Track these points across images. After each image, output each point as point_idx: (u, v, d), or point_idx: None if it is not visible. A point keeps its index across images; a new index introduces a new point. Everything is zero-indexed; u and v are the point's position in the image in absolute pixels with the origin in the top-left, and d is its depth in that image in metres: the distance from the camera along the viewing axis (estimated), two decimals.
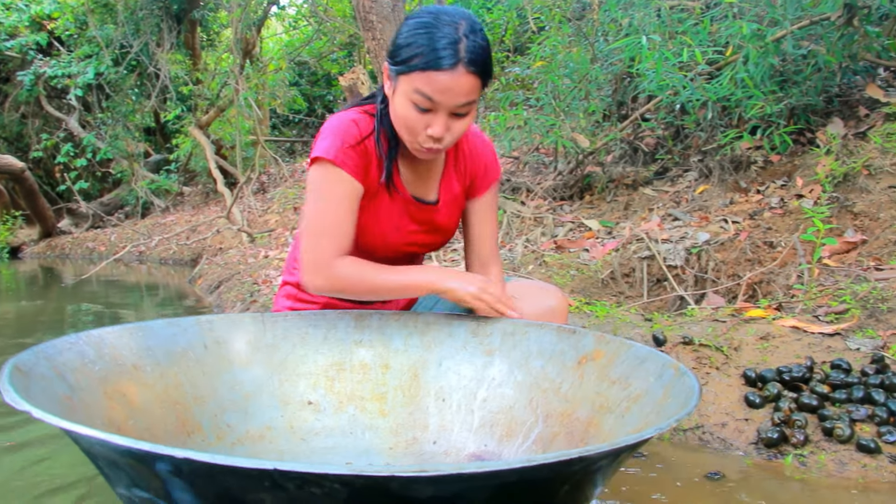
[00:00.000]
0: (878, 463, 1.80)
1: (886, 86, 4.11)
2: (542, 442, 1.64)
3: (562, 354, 1.69)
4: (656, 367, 1.52)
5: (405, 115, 1.68)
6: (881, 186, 3.33)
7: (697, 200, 4.05)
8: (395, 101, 1.70)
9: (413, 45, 1.64)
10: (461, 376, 1.78)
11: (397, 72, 1.67)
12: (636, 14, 3.94)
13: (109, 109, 12.40)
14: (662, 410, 1.40)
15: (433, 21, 1.66)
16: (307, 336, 1.83)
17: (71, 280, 8.34)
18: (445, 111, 1.66)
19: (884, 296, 2.43)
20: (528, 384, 1.72)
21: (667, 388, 1.46)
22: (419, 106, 1.65)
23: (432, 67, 1.61)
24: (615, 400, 1.55)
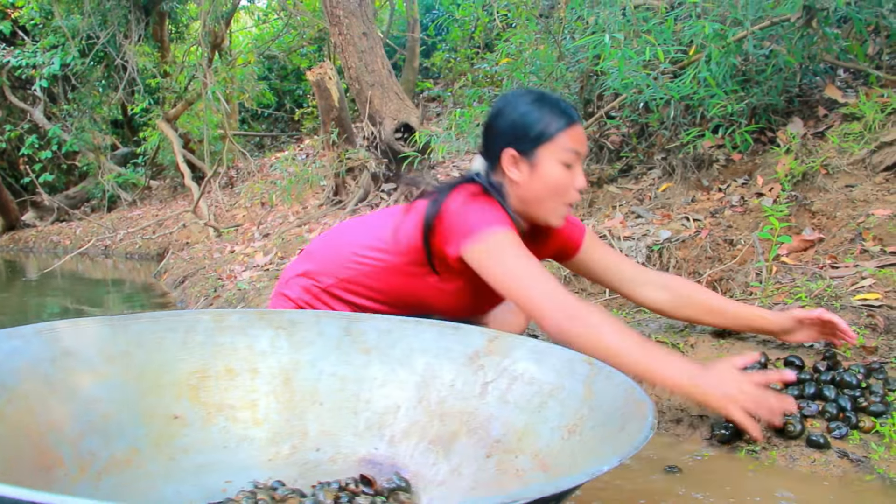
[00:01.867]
0: (827, 458, 1.84)
1: (845, 87, 4.17)
2: (442, 442, 1.61)
3: (449, 351, 1.69)
4: (562, 361, 1.57)
5: (556, 179, 1.91)
6: (838, 186, 3.38)
7: (660, 198, 4.09)
8: (541, 173, 1.91)
9: (544, 117, 1.90)
10: (338, 377, 1.72)
11: (534, 147, 1.90)
12: (602, 12, 3.96)
13: (75, 101, 12.26)
14: (598, 407, 1.44)
15: (539, 96, 1.95)
16: (164, 341, 1.66)
17: (34, 274, 8.24)
18: (580, 163, 1.94)
19: (838, 293, 2.47)
20: (416, 382, 1.69)
21: (588, 383, 1.51)
22: (567, 163, 1.90)
23: (571, 125, 1.91)
24: (524, 395, 1.58)
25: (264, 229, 7.18)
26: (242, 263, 5.64)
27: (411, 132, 5.88)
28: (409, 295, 2.07)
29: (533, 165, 1.91)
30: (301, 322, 1.76)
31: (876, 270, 2.60)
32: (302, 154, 10.10)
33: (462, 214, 1.85)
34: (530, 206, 1.97)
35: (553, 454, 1.47)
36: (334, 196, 6.77)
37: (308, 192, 7.43)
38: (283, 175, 7.94)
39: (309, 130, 11.87)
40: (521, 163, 1.93)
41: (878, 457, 1.80)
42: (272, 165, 10.02)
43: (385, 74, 6.16)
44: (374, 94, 6.04)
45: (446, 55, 10.02)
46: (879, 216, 2.99)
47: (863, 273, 2.60)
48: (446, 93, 9.72)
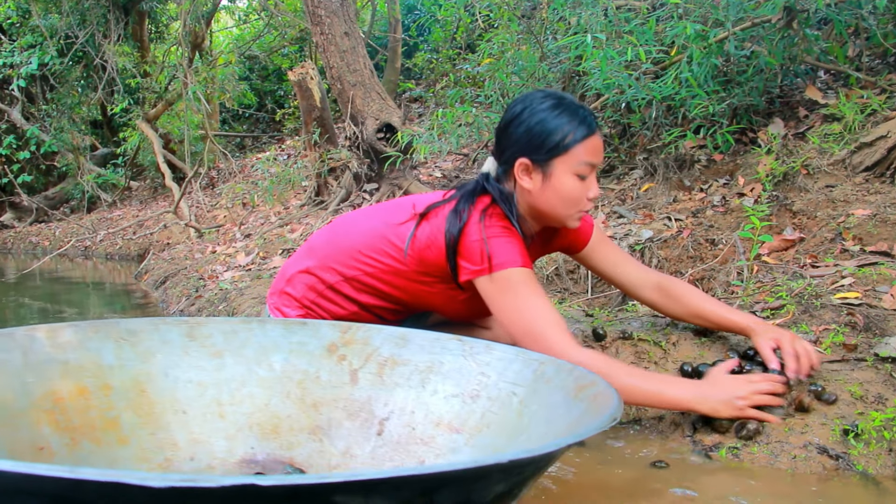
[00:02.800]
0: (808, 454, 1.85)
1: (825, 88, 4.20)
2: (322, 430, 1.65)
3: (304, 345, 1.71)
4: (428, 341, 1.68)
5: (570, 190, 1.90)
6: (819, 186, 3.40)
7: (642, 198, 4.10)
8: (554, 185, 1.90)
9: (562, 126, 1.87)
10: (195, 384, 1.67)
11: (549, 158, 1.88)
12: (584, 13, 3.97)
13: (54, 101, 12.15)
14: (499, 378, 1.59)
15: (558, 101, 1.91)
16: (5, 364, 1.51)
17: (13, 275, 8.15)
18: (594, 172, 1.94)
19: (818, 292, 2.48)
20: (277, 378, 1.69)
21: (469, 356, 1.65)
22: (582, 175, 1.89)
23: (588, 136, 1.88)
24: (402, 375, 1.65)
25: (246, 230, 7.15)
26: (224, 264, 5.61)
27: (393, 132, 5.87)
28: (416, 298, 2.09)
29: (546, 176, 1.91)
30: (140, 331, 1.69)
31: (856, 269, 2.62)
32: (283, 154, 10.06)
33: (482, 244, 1.87)
34: (542, 214, 1.99)
35: (462, 418, 1.61)
36: (316, 196, 6.74)
37: (290, 192, 7.40)
38: (264, 175, 7.91)
39: (290, 131, 11.82)
40: (535, 172, 1.92)
41: (857, 453, 1.81)
42: (253, 166, 9.98)
43: (367, 74, 6.15)
44: (356, 94, 6.02)
45: (428, 56, 10.01)
46: (859, 216, 3.01)
47: (843, 272, 2.62)
48: (428, 93, 9.72)
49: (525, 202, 1.99)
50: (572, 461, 1.93)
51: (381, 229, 2.07)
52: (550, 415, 1.49)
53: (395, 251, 2.02)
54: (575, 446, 2.01)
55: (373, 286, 2.07)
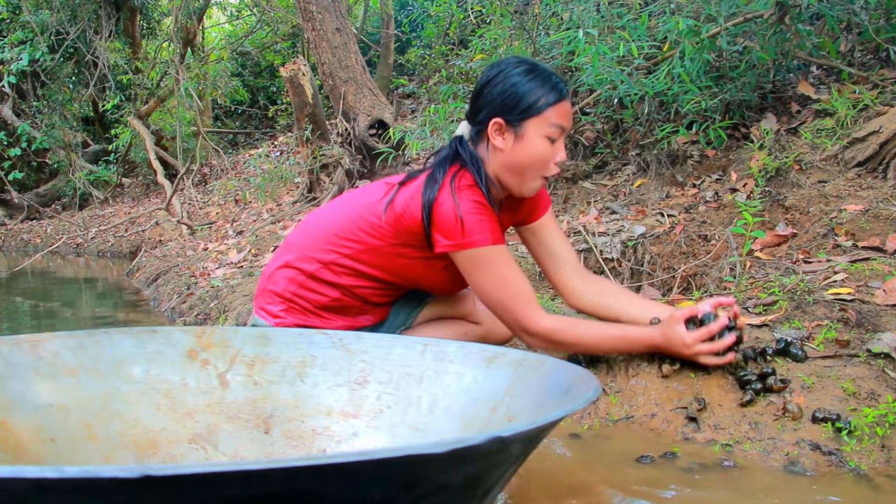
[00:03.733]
0: (801, 451, 1.84)
1: (818, 83, 4.20)
2: (203, 437, 1.63)
3: (161, 354, 1.68)
4: (291, 336, 1.72)
5: (540, 153, 1.97)
6: (811, 181, 3.40)
7: (635, 194, 4.10)
8: (525, 147, 1.97)
9: (535, 90, 1.94)
10: (57, 408, 1.54)
11: (522, 119, 1.95)
12: (576, 8, 3.96)
13: (45, 98, 12.10)
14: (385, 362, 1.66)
15: (531, 67, 1.98)
16: None
17: (4, 272, 8.12)
18: (563, 137, 2.01)
19: (810, 288, 2.48)
20: (142, 392, 1.63)
21: (342, 346, 1.69)
22: (552, 137, 1.96)
23: (559, 100, 1.96)
24: (274, 372, 1.68)
25: (238, 227, 7.12)
26: (216, 261, 5.58)
27: (385, 128, 5.86)
28: (397, 273, 2.11)
29: (518, 137, 1.96)
30: None
31: (848, 265, 2.61)
32: (276, 151, 10.04)
33: (456, 220, 1.92)
34: (509, 175, 2.02)
35: (355, 404, 1.68)
36: (308, 193, 6.73)
37: (282, 189, 7.38)
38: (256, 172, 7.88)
39: (283, 127, 11.79)
40: (507, 132, 1.98)
41: (850, 449, 1.80)
42: (246, 162, 9.95)
43: (359, 71, 6.13)
44: (348, 91, 6.00)
45: (421, 52, 9.99)
46: (851, 211, 3.01)
47: (835, 268, 2.62)
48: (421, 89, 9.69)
49: (495, 162, 2.03)
50: (559, 455, 1.93)
51: (355, 210, 2.11)
52: (473, 387, 1.59)
53: (370, 227, 2.06)
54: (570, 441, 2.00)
55: (352, 267, 2.09)
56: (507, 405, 1.57)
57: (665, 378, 2.20)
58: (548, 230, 2.27)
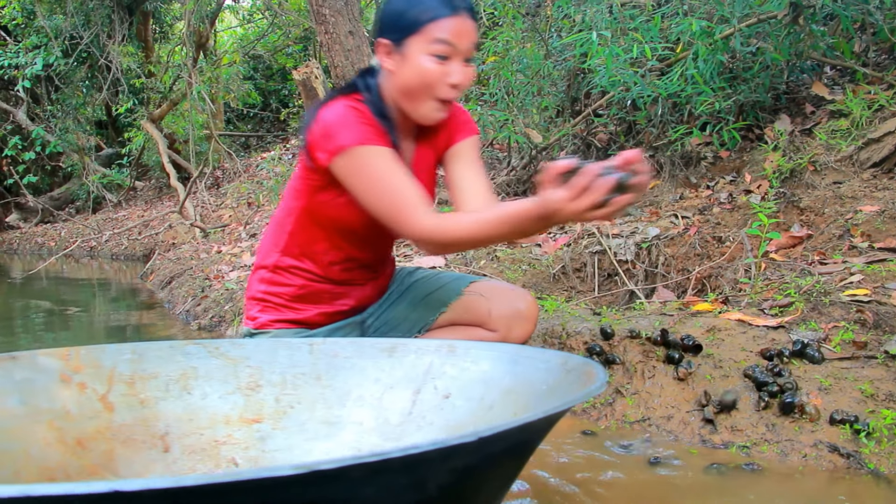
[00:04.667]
0: (818, 453, 1.84)
1: (832, 84, 4.19)
2: (101, 467, 1.55)
3: (31, 382, 1.55)
4: (162, 349, 1.67)
5: (425, 72, 1.78)
6: (826, 182, 3.39)
7: (648, 196, 4.09)
8: (409, 66, 1.80)
9: (419, 4, 1.77)
10: None
11: (403, 36, 1.79)
12: (589, 10, 3.96)
13: (59, 102, 12.18)
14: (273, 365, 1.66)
15: None
16: None
17: (19, 276, 8.17)
18: (460, 57, 1.80)
19: (826, 289, 2.47)
20: (22, 426, 1.51)
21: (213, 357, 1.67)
22: (439, 55, 1.77)
23: (446, 14, 1.76)
24: (158, 388, 1.63)
25: (251, 229, 7.15)
26: (230, 263, 5.61)
27: None
28: (332, 227, 2.01)
29: (403, 56, 1.81)
30: None
31: (864, 266, 2.60)
32: (288, 154, 10.06)
33: (330, 127, 1.81)
34: (402, 99, 1.87)
35: (254, 409, 1.64)
36: None
37: None
38: (269, 175, 7.91)
39: (295, 130, 11.83)
40: (394, 53, 1.83)
41: (869, 451, 1.80)
42: (258, 165, 9.98)
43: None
44: None
45: None
46: (867, 212, 3.00)
47: (851, 269, 2.61)
48: None
49: (390, 88, 1.89)
50: (573, 457, 1.93)
51: (288, 188, 2.07)
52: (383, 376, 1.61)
53: (296, 192, 2.00)
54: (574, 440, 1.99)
55: (300, 243, 2.03)
56: (438, 387, 1.59)
57: (681, 380, 2.20)
58: (459, 159, 2.06)
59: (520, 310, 2.07)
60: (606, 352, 2.39)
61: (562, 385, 1.38)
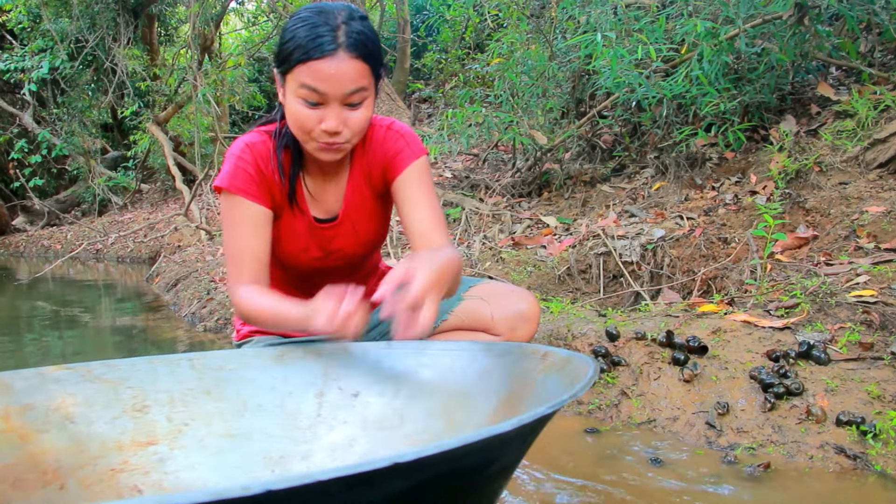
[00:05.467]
0: (825, 454, 1.83)
1: (837, 84, 4.18)
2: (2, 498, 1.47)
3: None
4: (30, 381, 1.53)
5: (297, 114, 1.63)
6: (832, 183, 3.38)
7: (653, 197, 4.09)
8: (287, 104, 1.65)
9: (293, 39, 1.59)
10: None
11: (282, 72, 1.63)
12: (593, 11, 3.96)
13: (65, 105, 12.20)
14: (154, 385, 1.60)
15: (310, 14, 1.62)
16: None
17: (26, 278, 8.19)
18: (337, 102, 1.61)
19: (832, 290, 2.47)
20: None
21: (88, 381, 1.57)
22: (308, 100, 1.60)
23: (312, 57, 1.56)
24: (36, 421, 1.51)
25: None
26: None
27: None
28: (280, 253, 1.94)
29: (284, 92, 1.66)
30: None
31: (871, 267, 2.60)
32: None
33: (224, 163, 1.77)
34: (294, 134, 1.71)
35: (147, 431, 1.56)
36: None
37: None
38: None
39: None
40: (279, 85, 1.69)
41: (876, 452, 1.79)
42: None
43: None
44: None
45: (437, 56, 10.01)
46: (873, 213, 2.99)
47: (857, 270, 2.60)
48: (437, 94, 9.71)
49: None
50: (578, 457, 1.92)
51: None
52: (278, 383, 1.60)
53: None
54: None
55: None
56: (343, 388, 1.59)
57: (687, 382, 2.19)
58: (399, 196, 1.87)
59: (522, 311, 2.05)
60: (612, 353, 2.39)
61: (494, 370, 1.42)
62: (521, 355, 1.48)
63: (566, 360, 1.33)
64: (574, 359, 1.30)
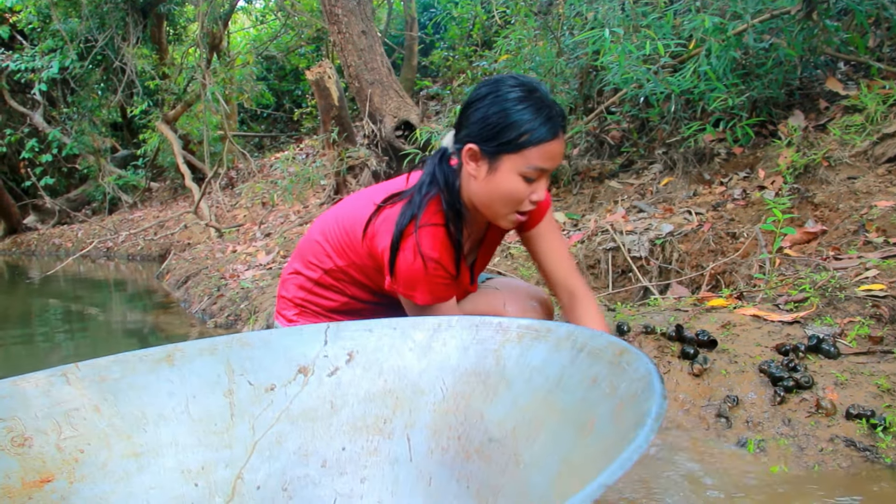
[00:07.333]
0: (835, 447, 1.84)
1: (846, 79, 4.17)
2: None
3: None
4: None
5: (514, 191, 1.76)
6: (840, 178, 3.38)
7: (662, 192, 4.09)
8: (498, 181, 1.76)
9: (518, 123, 1.71)
10: None
11: (498, 151, 1.74)
12: (601, 7, 3.96)
13: (75, 104, 12.26)
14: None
15: (526, 95, 1.73)
16: None
17: (37, 277, 8.24)
18: (547, 177, 1.79)
19: (842, 284, 2.47)
20: None
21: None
22: (529, 178, 1.75)
23: (546, 139, 1.71)
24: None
25: (266, 229, 7.19)
26: (245, 263, 5.64)
27: (412, 129, 5.88)
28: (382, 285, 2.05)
29: (492, 169, 1.77)
30: None
31: (880, 261, 2.60)
32: (302, 153, 10.10)
33: (409, 280, 1.83)
34: (480, 205, 1.85)
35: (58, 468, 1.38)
36: (335, 195, 6.77)
37: (309, 191, 7.43)
38: (283, 175, 7.94)
39: (308, 130, 11.87)
40: (481, 162, 1.78)
41: (886, 445, 1.80)
42: (272, 165, 10.03)
43: (384, 72, 6.16)
44: (373, 93, 6.04)
45: (445, 53, 10.01)
46: (882, 207, 2.99)
47: (867, 264, 2.61)
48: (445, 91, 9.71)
49: (468, 189, 1.86)
50: None
51: (345, 222, 2.04)
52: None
53: (354, 243, 1.99)
54: None
55: (350, 276, 2.05)
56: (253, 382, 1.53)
57: (696, 376, 2.20)
58: (540, 241, 2.07)
59: (534, 306, 2.08)
60: None
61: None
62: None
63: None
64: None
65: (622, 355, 1.24)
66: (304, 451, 1.50)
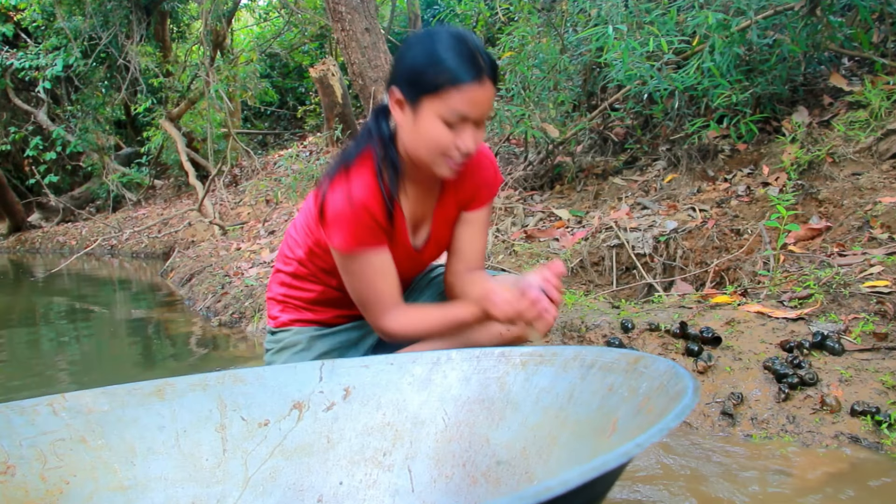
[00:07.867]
0: (840, 444, 1.84)
1: (850, 75, 4.16)
2: None
3: None
4: None
5: (436, 137, 1.70)
6: (845, 174, 3.38)
7: (666, 189, 4.09)
8: (420, 126, 1.71)
9: (439, 64, 1.65)
10: None
11: (418, 94, 1.69)
12: (604, 4, 3.95)
13: (79, 102, 12.28)
14: None
15: (451, 40, 1.69)
16: None
17: (41, 274, 8.26)
18: (473, 123, 1.71)
19: (846, 281, 2.47)
20: None
21: None
22: (451, 124, 1.69)
23: (464, 81, 1.65)
24: None
25: (270, 226, 7.19)
26: (249, 260, 5.65)
27: None
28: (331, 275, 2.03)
29: (415, 114, 1.72)
30: None
31: (884, 257, 2.60)
32: (306, 151, 10.10)
33: (332, 222, 1.79)
34: (411, 154, 1.80)
35: (41, 499, 1.36)
36: None
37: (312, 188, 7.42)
38: (287, 172, 7.94)
39: (312, 127, 11.87)
40: (406, 108, 1.73)
41: (891, 442, 1.80)
42: (276, 163, 10.03)
43: (388, 70, 6.16)
44: (377, 90, 6.04)
45: None
46: (887, 203, 2.99)
47: (871, 260, 2.60)
48: None
49: (401, 139, 1.81)
50: None
51: (307, 205, 2.04)
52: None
53: (311, 220, 1.97)
54: None
55: (321, 258, 2.01)
56: (246, 417, 1.53)
57: (701, 373, 2.20)
58: (469, 226, 2.04)
59: None
60: (626, 345, 2.40)
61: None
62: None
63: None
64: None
65: (637, 362, 1.26)
66: (299, 487, 1.50)
